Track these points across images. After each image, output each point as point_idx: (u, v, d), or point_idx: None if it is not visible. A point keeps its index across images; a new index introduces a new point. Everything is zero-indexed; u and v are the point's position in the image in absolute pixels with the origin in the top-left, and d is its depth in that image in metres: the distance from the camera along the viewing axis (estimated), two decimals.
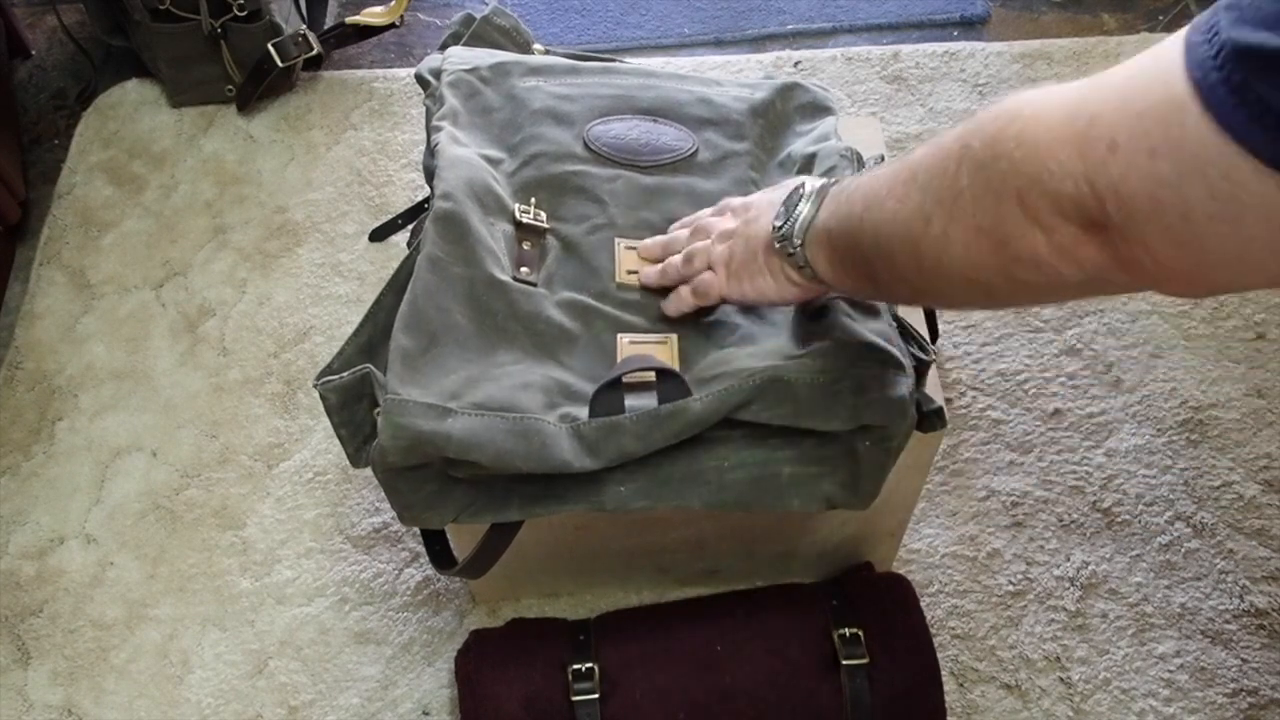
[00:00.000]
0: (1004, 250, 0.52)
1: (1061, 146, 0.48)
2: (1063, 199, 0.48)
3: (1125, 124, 0.46)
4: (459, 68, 0.92)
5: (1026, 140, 0.49)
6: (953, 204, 0.54)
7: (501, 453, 0.69)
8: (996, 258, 0.53)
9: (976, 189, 0.52)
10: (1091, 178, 0.47)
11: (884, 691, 0.83)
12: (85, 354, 1.18)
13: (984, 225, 0.52)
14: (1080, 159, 0.47)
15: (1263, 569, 0.99)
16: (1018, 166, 0.50)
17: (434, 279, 0.76)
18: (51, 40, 1.49)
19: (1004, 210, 0.51)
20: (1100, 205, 0.47)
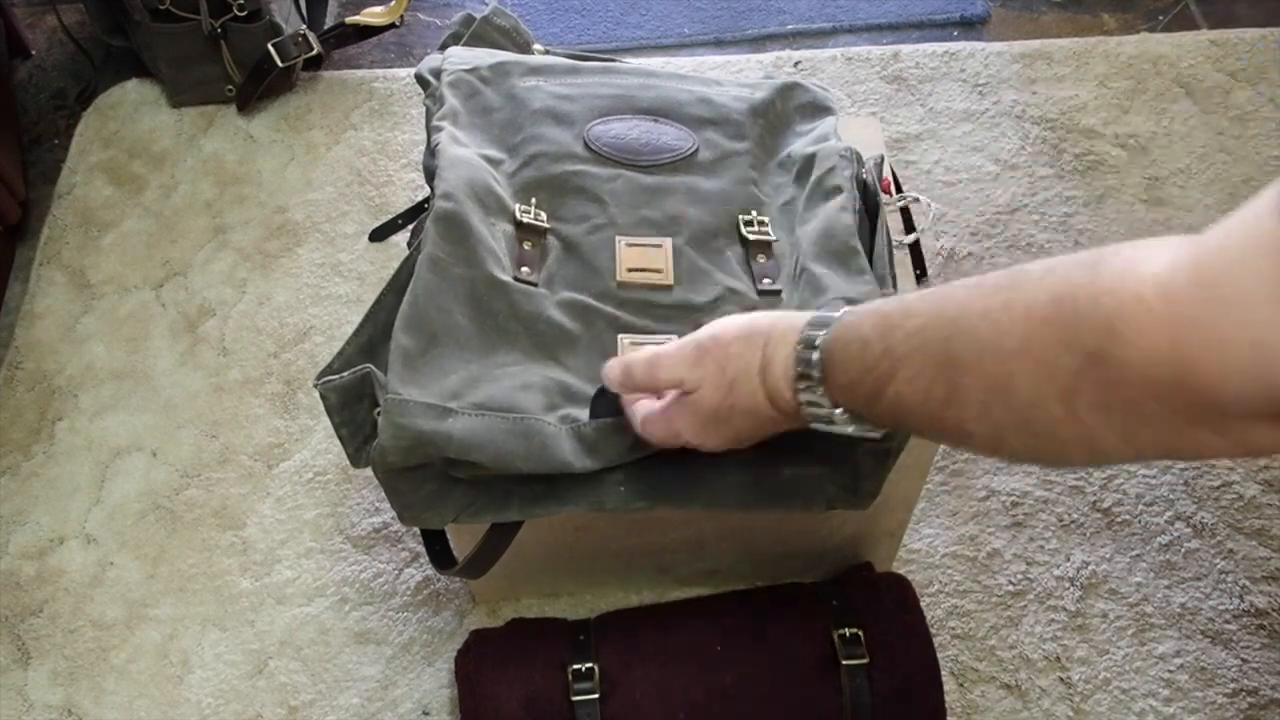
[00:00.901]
0: (1180, 456, 0.48)
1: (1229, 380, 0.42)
2: (1257, 414, 0.43)
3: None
4: (459, 68, 0.92)
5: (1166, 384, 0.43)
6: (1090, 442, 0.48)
7: (502, 453, 0.69)
8: (1174, 458, 0.50)
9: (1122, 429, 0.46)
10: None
11: (884, 691, 0.83)
12: (85, 354, 1.18)
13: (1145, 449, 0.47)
14: (1268, 386, 0.41)
15: (1263, 569, 0.99)
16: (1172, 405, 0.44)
17: (435, 279, 0.76)
18: (51, 40, 1.49)
19: (1173, 437, 0.45)
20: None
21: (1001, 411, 0.50)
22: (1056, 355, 0.47)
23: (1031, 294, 0.49)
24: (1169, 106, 1.32)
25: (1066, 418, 0.48)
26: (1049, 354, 0.47)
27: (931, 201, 0.89)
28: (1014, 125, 1.32)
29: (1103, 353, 0.45)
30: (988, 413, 0.51)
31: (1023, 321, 0.49)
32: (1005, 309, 0.50)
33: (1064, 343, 0.47)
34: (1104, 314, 0.45)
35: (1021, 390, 0.49)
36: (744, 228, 0.85)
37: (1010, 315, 0.50)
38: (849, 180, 0.85)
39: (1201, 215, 1.21)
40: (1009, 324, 0.50)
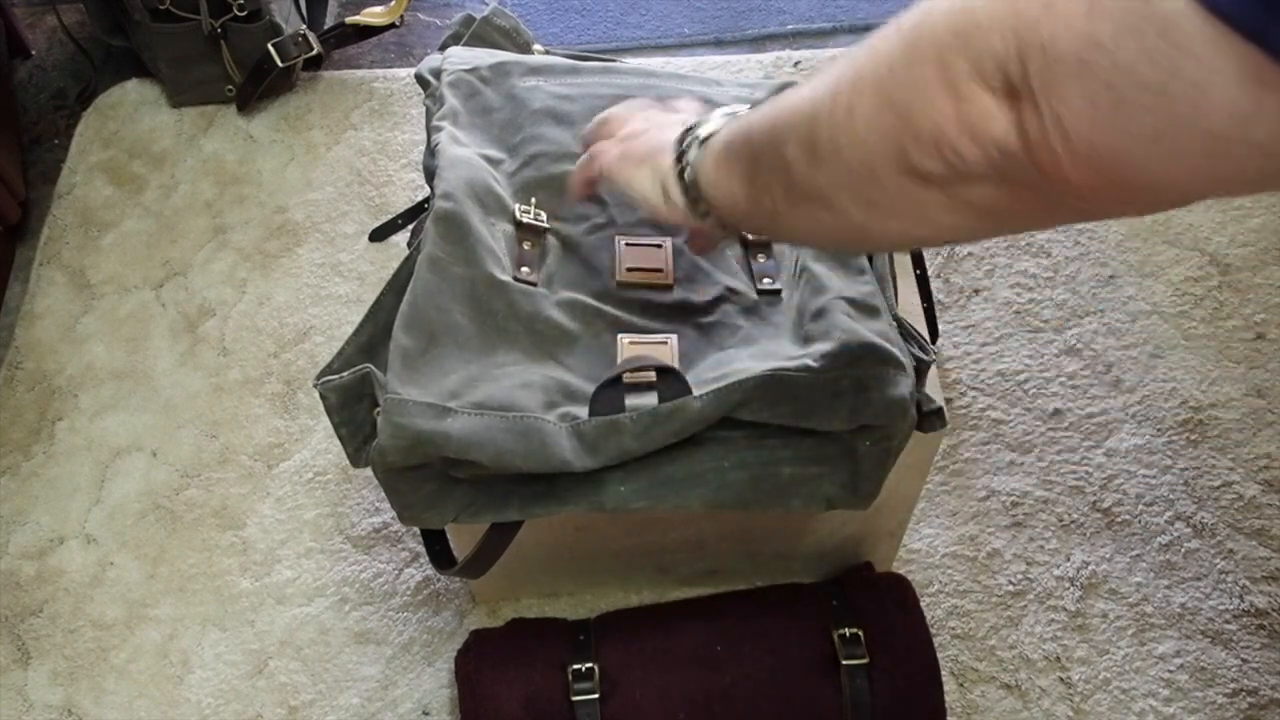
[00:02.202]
0: (905, 124, 0.48)
1: (995, 2, 0.44)
2: (984, 59, 0.44)
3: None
4: (459, 68, 0.92)
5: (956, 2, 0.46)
6: (868, 75, 0.50)
7: (501, 452, 0.69)
8: (897, 133, 0.48)
9: (897, 57, 0.48)
10: (1021, 33, 0.43)
11: (884, 691, 0.83)
12: (85, 354, 1.18)
13: (894, 95, 0.48)
14: (1013, 14, 0.43)
15: (1263, 569, 0.99)
16: (943, 22, 0.46)
17: (434, 279, 0.76)
18: (51, 40, 1.49)
19: (917, 74, 0.47)
20: (1022, 67, 0.43)
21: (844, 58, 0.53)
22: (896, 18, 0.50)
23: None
24: None
25: (874, 42, 0.50)
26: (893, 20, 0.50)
27: None
28: None
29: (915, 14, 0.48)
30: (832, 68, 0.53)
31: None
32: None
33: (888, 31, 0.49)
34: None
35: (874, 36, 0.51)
36: None
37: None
38: None
39: (1201, 215, 1.21)
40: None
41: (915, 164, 0.48)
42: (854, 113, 0.50)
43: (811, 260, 0.80)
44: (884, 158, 0.49)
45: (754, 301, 0.82)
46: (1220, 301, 1.15)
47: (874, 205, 0.52)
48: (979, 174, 0.47)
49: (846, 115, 0.51)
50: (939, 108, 0.46)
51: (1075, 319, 1.15)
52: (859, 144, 0.50)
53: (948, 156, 0.47)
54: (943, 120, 0.46)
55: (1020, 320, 1.15)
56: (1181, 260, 1.18)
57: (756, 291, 0.82)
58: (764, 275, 0.83)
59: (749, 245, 0.85)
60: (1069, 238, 1.21)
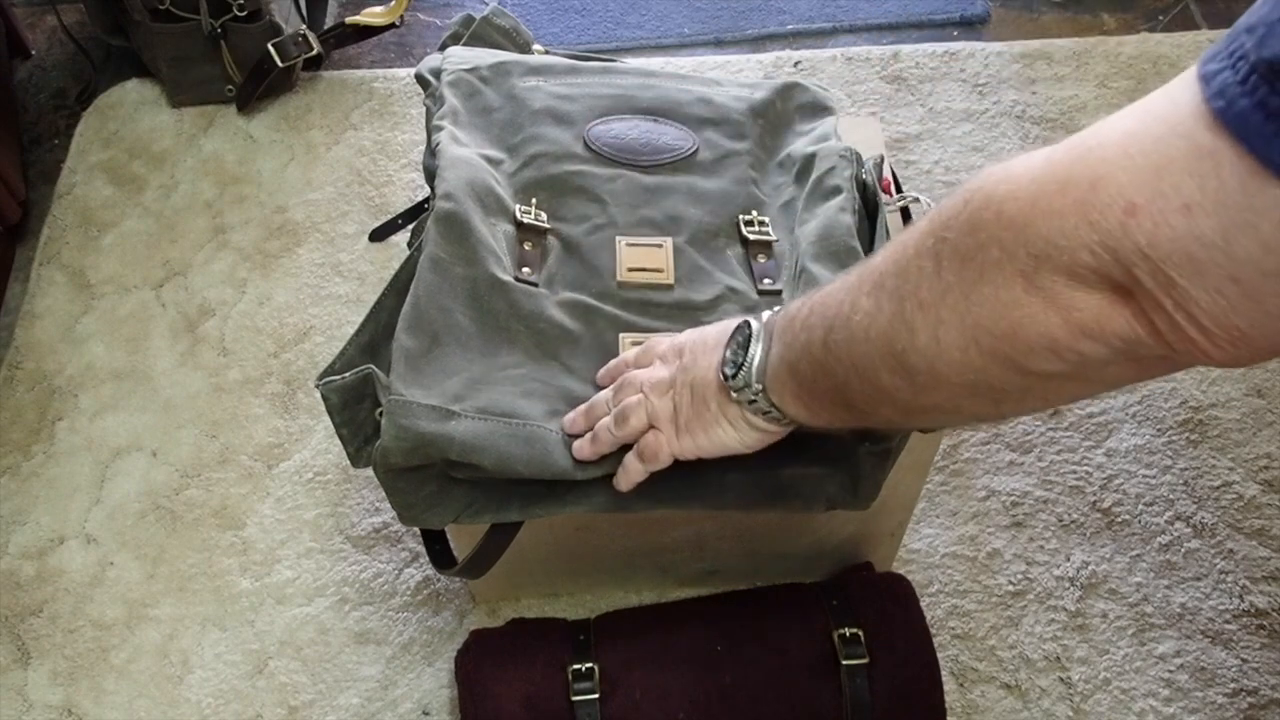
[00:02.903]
0: (1014, 341, 0.46)
1: (1062, 217, 0.43)
2: (1078, 270, 0.43)
3: (1141, 182, 0.41)
4: (459, 67, 0.92)
5: (1014, 217, 0.45)
6: (939, 305, 0.48)
7: (503, 457, 0.69)
8: (1004, 352, 0.47)
9: (966, 282, 0.47)
10: (1111, 245, 0.42)
11: (884, 691, 0.83)
12: (85, 354, 1.18)
13: (983, 319, 0.47)
14: (1090, 226, 0.42)
15: (1263, 569, 1.00)
16: (1011, 248, 0.45)
17: (436, 279, 0.76)
18: (51, 40, 1.49)
19: (1005, 297, 0.46)
20: (1126, 271, 0.42)
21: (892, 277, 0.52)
22: (944, 207, 0.49)
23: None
24: None
25: (932, 270, 0.49)
26: (941, 208, 0.50)
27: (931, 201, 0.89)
28: (1014, 125, 1.32)
29: (975, 193, 0.47)
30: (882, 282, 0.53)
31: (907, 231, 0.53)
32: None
33: (955, 197, 0.49)
34: (998, 171, 0.47)
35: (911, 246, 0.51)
36: (744, 227, 0.85)
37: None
38: (849, 180, 0.85)
39: None
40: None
41: (1032, 368, 0.47)
42: (943, 342, 0.49)
43: (811, 260, 0.80)
44: (997, 371, 0.48)
45: (754, 301, 0.82)
46: None
47: (1001, 401, 0.51)
48: (1105, 360, 0.46)
49: (935, 345, 0.49)
50: (1044, 321, 0.45)
51: None
52: (965, 367, 0.49)
53: (1067, 357, 0.46)
54: (1053, 330, 0.45)
55: None
56: None
57: (757, 291, 0.82)
58: (764, 275, 0.83)
59: (749, 244, 0.85)
60: None
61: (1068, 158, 0.44)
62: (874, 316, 0.53)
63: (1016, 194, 0.45)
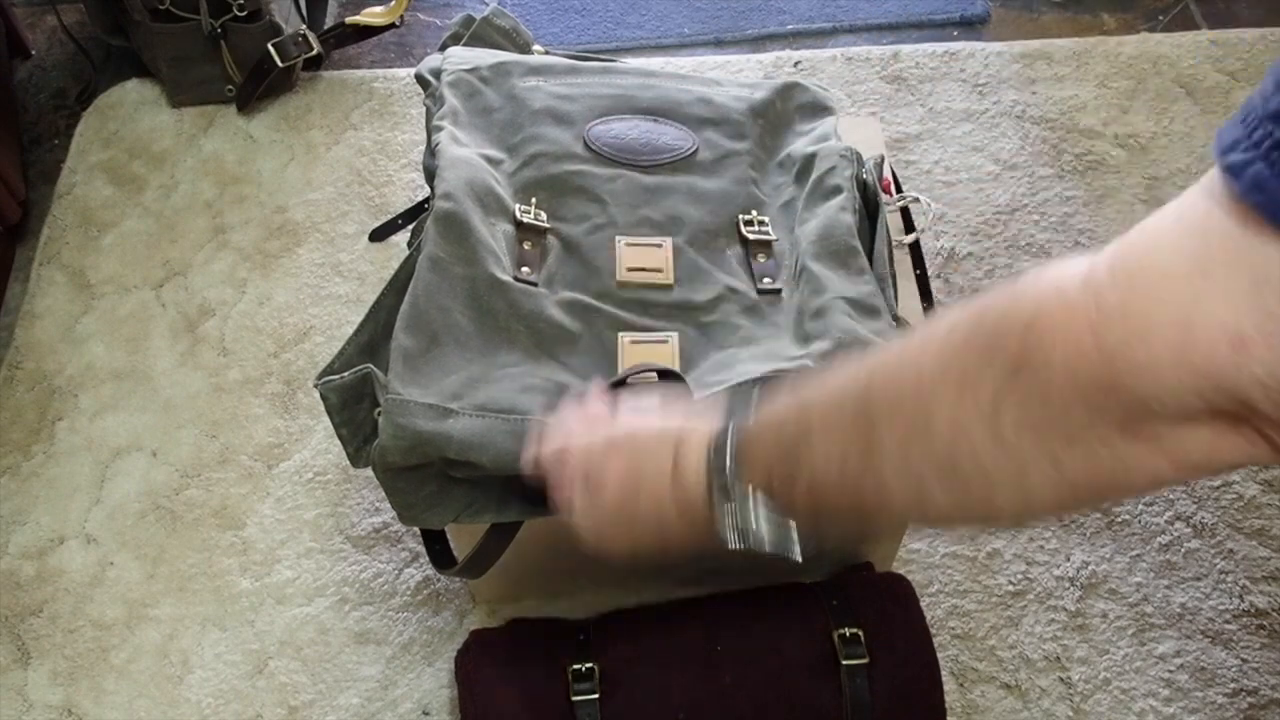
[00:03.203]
0: (1115, 488, 0.43)
1: (1159, 370, 0.39)
2: (1188, 412, 0.40)
3: (1242, 306, 0.36)
4: (459, 68, 0.92)
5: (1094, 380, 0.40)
6: (1022, 475, 0.44)
7: (501, 454, 0.69)
8: (1104, 495, 0.44)
9: (1051, 449, 0.43)
10: (1224, 385, 0.38)
11: (884, 691, 0.83)
12: (85, 354, 1.18)
13: (1079, 478, 0.43)
14: (1196, 374, 0.38)
15: (1263, 569, 0.99)
16: (1102, 407, 0.40)
17: (435, 279, 0.76)
18: (51, 40, 1.49)
19: (1104, 453, 0.42)
20: (1245, 404, 0.38)
21: (922, 456, 0.46)
22: (977, 373, 0.43)
23: (949, 324, 0.46)
24: (1169, 106, 1.32)
25: (991, 446, 0.44)
26: (969, 374, 0.44)
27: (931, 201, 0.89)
28: (1014, 125, 1.32)
29: (1024, 357, 0.42)
30: (908, 461, 0.47)
31: (940, 350, 0.46)
32: (923, 347, 0.47)
33: (984, 358, 0.43)
34: (1024, 316, 0.42)
35: (942, 423, 0.45)
36: (744, 227, 0.85)
37: (927, 350, 0.47)
38: (849, 180, 0.85)
39: None
40: (927, 357, 0.46)
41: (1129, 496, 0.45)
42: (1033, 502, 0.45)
43: (811, 260, 0.80)
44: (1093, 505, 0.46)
45: (754, 301, 0.82)
46: None
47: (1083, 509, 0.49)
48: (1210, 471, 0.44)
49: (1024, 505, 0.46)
50: (1150, 465, 0.42)
51: None
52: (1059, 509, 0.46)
53: (1173, 483, 0.45)
54: (1161, 473, 0.42)
55: None
56: None
57: (757, 291, 0.82)
58: (764, 275, 0.83)
59: (749, 244, 0.85)
60: (1069, 238, 1.21)
61: (1131, 295, 0.39)
62: (922, 497, 0.47)
63: (1084, 352, 0.40)
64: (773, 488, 0.54)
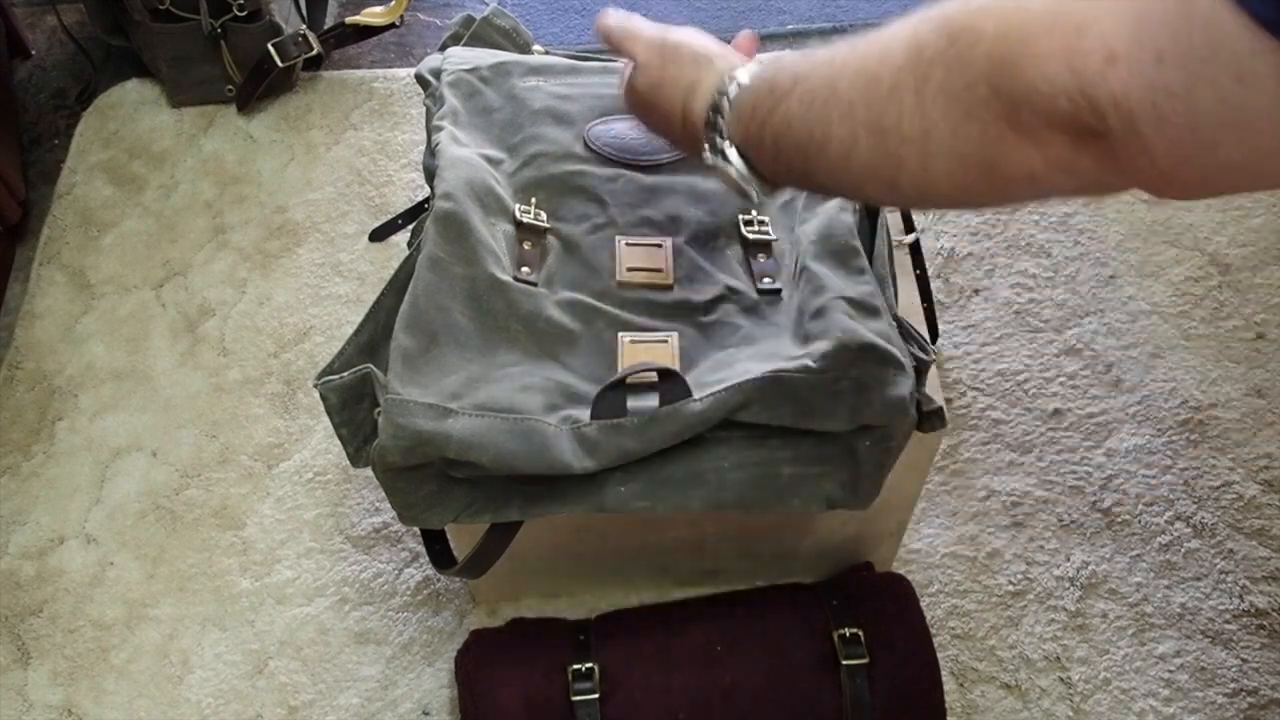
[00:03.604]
0: (995, 172, 0.49)
1: (1047, 61, 0.44)
2: (1056, 114, 0.45)
3: (1123, 30, 0.42)
4: (459, 67, 0.92)
5: (1002, 59, 0.46)
6: (925, 139, 0.51)
7: (501, 454, 0.69)
8: (987, 180, 0.50)
9: (953, 118, 0.49)
10: (1088, 92, 0.43)
11: (884, 691, 0.83)
12: (85, 354, 1.18)
13: (968, 153, 0.49)
14: (1072, 73, 0.43)
15: (1263, 569, 0.99)
16: (998, 88, 0.46)
17: (435, 279, 0.76)
18: (51, 40, 1.49)
19: (990, 133, 0.48)
20: (1100, 118, 0.44)
21: (863, 108, 0.53)
22: (925, 41, 0.50)
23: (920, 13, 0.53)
24: None
25: (913, 106, 0.50)
26: (920, 40, 0.50)
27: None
28: None
29: (963, 30, 0.48)
30: (852, 110, 0.54)
31: (910, 23, 0.53)
32: (903, 22, 0.54)
33: (935, 28, 0.50)
34: (960, 18, 0.48)
35: (886, 80, 0.52)
36: (744, 227, 0.85)
37: (905, 23, 0.53)
38: None
39: (1202, 215, 1.21)
40: (897, 29, 0.53)
41: (1011, 193, 0.51)
42: (931, 171, 0.52)
43: (811, 260, 0.80)
44: (981, 189, 0.51)
45: (754, 301, 0.82)
46: (1220, 301, 1.15)
47: (980, 203, 0.57)
48: (1073, 186, 0.49)
49: (924, 173, 0.52)
50: (1024, 156, 0.48)
51: (1075, 319, 1.15)
52: (951, 187, 0.52)
53: (1041, 185, 0.49)
54: (1033, 164, 0.48)
55: (1020, 320, 1.15)
56: (1182, 260, 1.18)
57: (756, 291, 0.82)
58: (764, 275, 0.83)
59: (749, 244, 0.85)
60: (1069, 238, 1.21)
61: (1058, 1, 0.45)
62: (851, 147, 0.55)
63: (1007, 34, 0.46)
64: (750, 129, 0.64)
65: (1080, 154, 0.46)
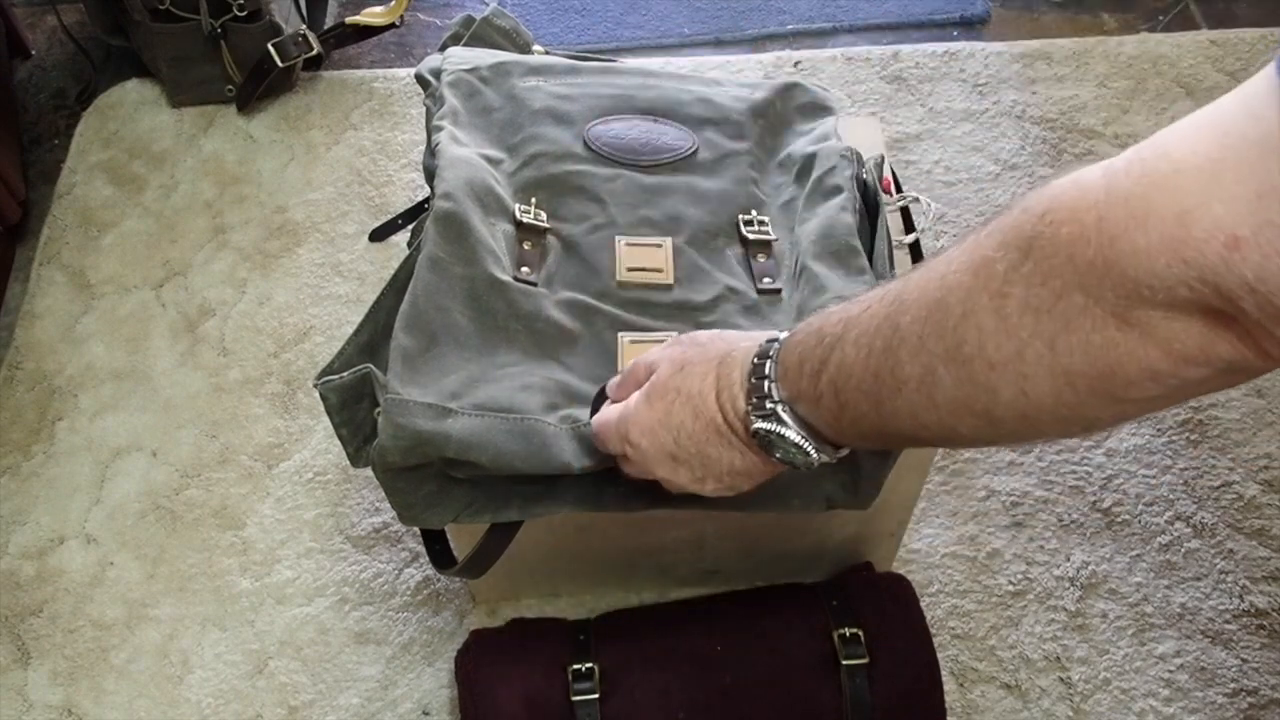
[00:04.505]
0: (1111, 380, 0.44)
1: (1152, 257, 0.40)
2: (1176, 303, 0.41)
3: (1242, 213, 0.37)
4: (459, 67, 0.92)
5: (1091, 265, 0.42)
6: (1018, 361, 0.45)
7: (501, 453, 0.69)
8: (1102, 389, 0.45)
9: (1049, 334, 0.44)
10: (1211, 279, 0.39)
11: (884, 691, 0.83)
12: (85, 354, 1.18)
13: (1075, 366, 0.44)
14: (1186, 265, 0.39)
15: (1263, 569, 0.99)
16: (1098, 292, 0.42)
17: (435, 279, 0.76)
18: (51, 40, 1.49)
19: (1098, 340, 0.43)
20: (1230, 302, 0.39)
21: (935, 338, 0.48)
22: (993, 259, 0.46)
23: (985, 226, 0.48)
24: (1169, 106, 1.32)
25: (995, 328, 0.46)
26: (986, 260, 0.46)
27: (931, 201, 0.89)
28: (1014, 125, 1.32)
29: (1034, 240, 0.44)
30: (923, 343, 0.49)
31: (969, 244, 0.48)
32: (958, 246, 0.50)
33: (1001, 244, 0.45)
34: (1041, 206, 0.44)
35: (955, 306, 0.47)
36: (744, 227, 0.85)
37: (960, 247, 0.49)
38: (849, 180, 0.85)
39: None
40: (957, 252, 0.49)
41: (1132, 397, 0.45)
42: (1032, 395, 0.46)
43: (811, 260, 0.80)
44: (1094, 404, 0.46)
45: (754, 301, 0.82)
46: None
47: (1093, 426, 0.49)
48: (1206, 378, 0.44)
49: (1024, 398, 0.47)
50: (1144, 356, 0.43)
51: None
52: (1058, 407, 0.47)
53: (1169, 383, 0.44)
54: (1155, 363, 0.43)
55: None
56: None
57: (756, 291, 0.82)
58: (764, 275, 0.83)
59: (749, 244, 0.85)
60: None
61: (1140, 185, 0.41)
62: (932, 385, 0.49)
63: (1087, 234, 0.42)
64: (802, 384, 0.56)
65: (1215, 341, 0.42)
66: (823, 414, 0.57)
